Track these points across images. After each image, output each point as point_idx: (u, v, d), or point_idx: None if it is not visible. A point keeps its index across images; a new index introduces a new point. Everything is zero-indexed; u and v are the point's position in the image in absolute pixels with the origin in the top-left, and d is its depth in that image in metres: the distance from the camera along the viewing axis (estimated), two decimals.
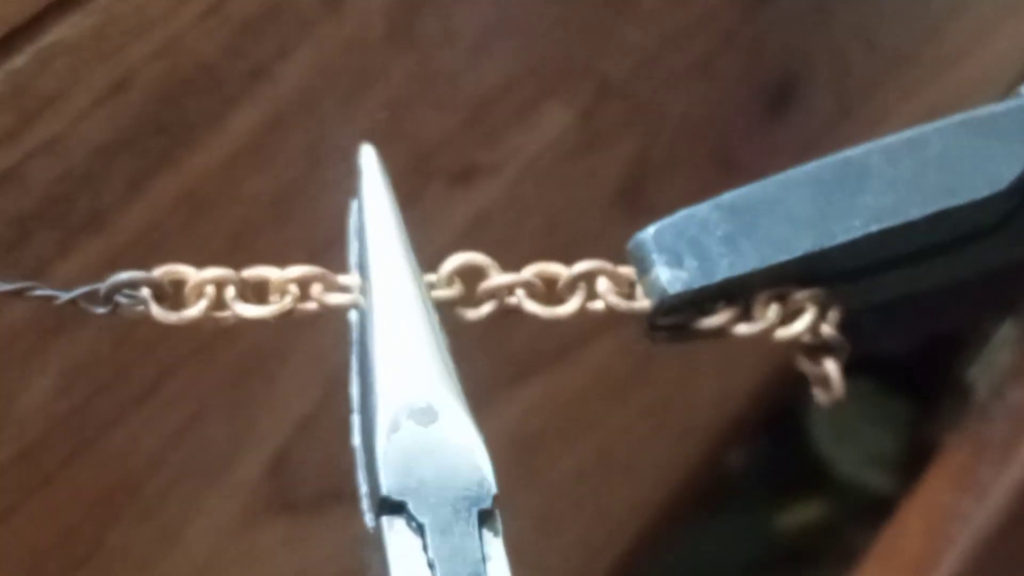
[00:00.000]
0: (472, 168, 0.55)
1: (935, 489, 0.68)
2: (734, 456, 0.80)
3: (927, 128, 0.34)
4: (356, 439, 0.30)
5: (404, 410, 0.29)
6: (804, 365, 0.33)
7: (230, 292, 0.32)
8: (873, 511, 0.80)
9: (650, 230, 0.33)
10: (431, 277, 0.32)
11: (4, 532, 0.45)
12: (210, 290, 0.32)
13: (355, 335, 0.31)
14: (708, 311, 0.33)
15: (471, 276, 0.33)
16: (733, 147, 0.65)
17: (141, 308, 0.32)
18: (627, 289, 0.33)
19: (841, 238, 0.33)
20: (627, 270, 0.33)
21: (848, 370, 0.34)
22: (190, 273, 0.32)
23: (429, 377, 0.29)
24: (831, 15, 0.68)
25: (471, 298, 0.33)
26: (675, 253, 0.33)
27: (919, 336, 0.78)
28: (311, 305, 0.32)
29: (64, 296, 0.32)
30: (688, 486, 0.69)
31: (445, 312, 0.32)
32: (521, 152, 0.56)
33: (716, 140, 0.64)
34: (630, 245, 0.33)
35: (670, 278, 0.32)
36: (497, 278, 0.33)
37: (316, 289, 0.32)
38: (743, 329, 0.33)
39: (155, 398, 0.47)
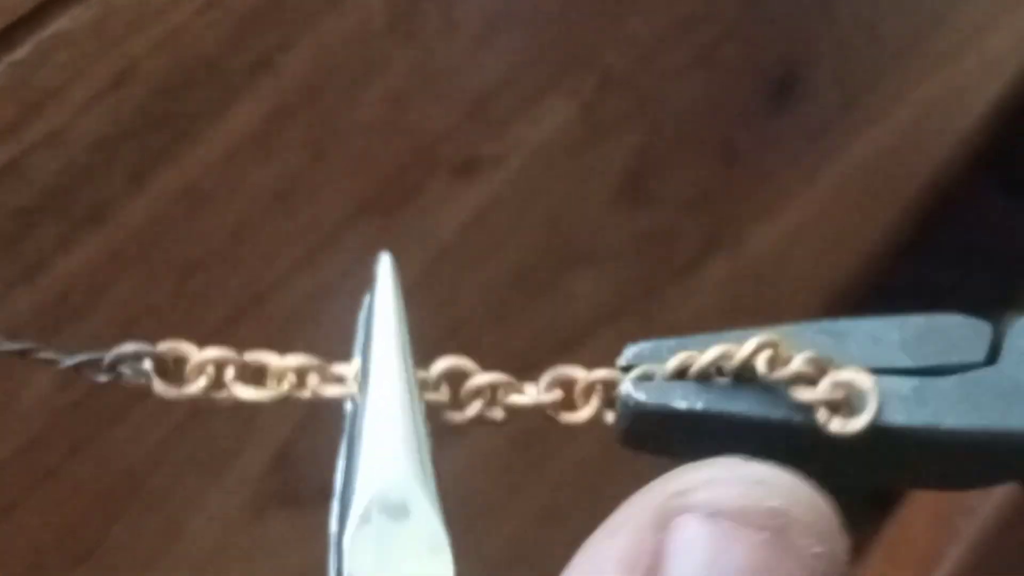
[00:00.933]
0: (475, 160, 0.54)
1: None
2: None
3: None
4: (333, 526, 0.30)
5: (377, 503, 0.30)
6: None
7: (230, 374, 0.33)
8: (877, 504, 0.80)
9: (634, 348, 0.33)
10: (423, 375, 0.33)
11: (6, 527, 0.45)
12: (210, 370, 0.33)
13: (347, 425, 0.32)
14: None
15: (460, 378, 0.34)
16: (736, 138, 0.65)
17: (143, 381, 0.32)
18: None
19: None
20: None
21: None
22: (192, 351, 0.33)
23: (408, 476, 0.30)
24: (834, 6, 0.67)
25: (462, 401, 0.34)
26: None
27: None
28: (306, 394, 0.33)
29: (66, 361, 0.32)
30: None
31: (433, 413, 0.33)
32: (524, 144, 0.56)
33: (719, 131, 0.64)
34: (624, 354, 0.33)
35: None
36: (480, 377, 0.34)
37: (313, 379, 0.33)
38: None
39: (155, 394, 0.47)
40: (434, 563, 0.29)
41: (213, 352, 0.32)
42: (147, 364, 0.32)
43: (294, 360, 0.33)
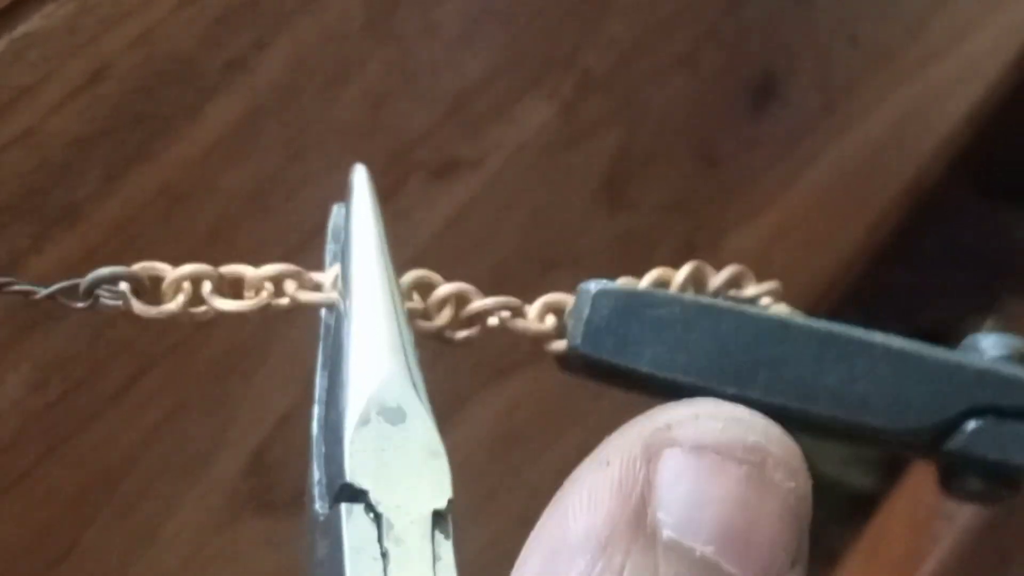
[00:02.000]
0: (453, 162, 0.54)
1: (918, 488, 0.68)
2: None
3: (885, 342, 0.34)
4: (315, 430, 0.30)
5: (375, 406, 0.30)
6: None
7: (207, 288, 0.33)
8: (855, 509, 0.80)
9: (595, 286, 0.34)
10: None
11: None
12: (187, 286, 0.32)
13: (324, 331, 0.32)
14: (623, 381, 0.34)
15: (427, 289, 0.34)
16: (715, 141, 0.65)
17: (120, 303, 0.32)
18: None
19: (733, 390, 0.33)
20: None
21: None
22: (167, 269, 0.33)
23: (402, 381, 0.30)
24: (814, 10, 0.67)
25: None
26: (609, 321, 0.34)
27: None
28: (285, 301, 0.33)
29: (43, 291, 0.32)
30: None
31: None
32: (502, 146, 0.56)
33: (698, 134, 0.64)
34: (579, 287, 0.34)
35: (586, 339, 0.34)
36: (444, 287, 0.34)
37: (290, 286, 0.33)
38: None
39: (132, 395, 0.47)
40: (432, 466, 0.30)
41: (189, 268, 0.33)
42: (123, 286, 0.32)
43: (270, 269, 0.33)
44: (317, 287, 0.33)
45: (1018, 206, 0.94)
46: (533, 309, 0.35)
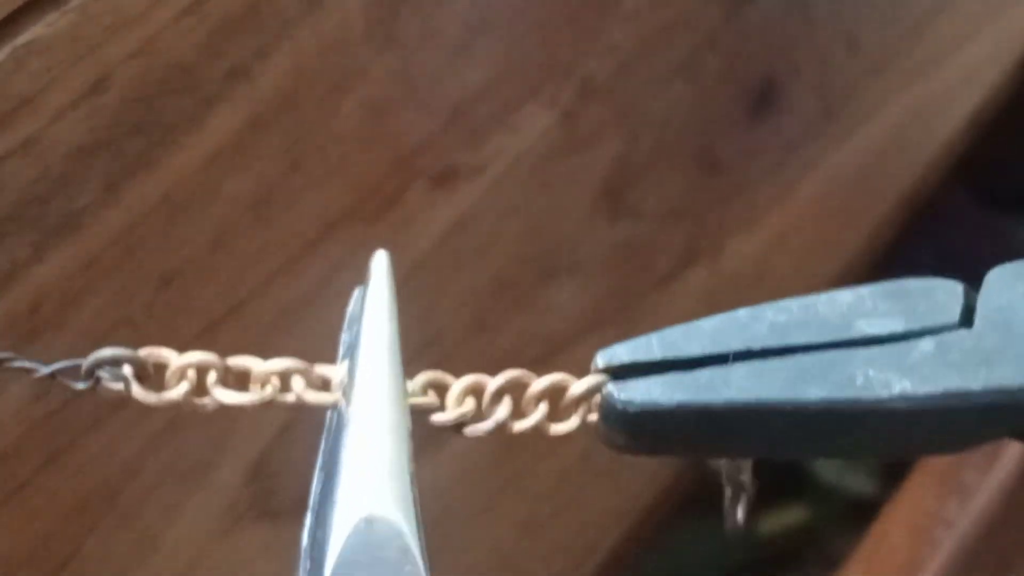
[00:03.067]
0: (454, 170, 0.54)
1: (918, 493, 0.68)
2: (716, 460, 0.80)
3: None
4: (304, 540, 0.30)
5: (362, 526, 0.30)
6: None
7: (211, 378, 0.32)
8: (855, 516, 0.79)
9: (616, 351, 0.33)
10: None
11: None
12: (192, 374, 0.32)
13: (327, 428, 0.32)
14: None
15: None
16: (716, 148, 0.65)
17: (122, 386, 0.32)
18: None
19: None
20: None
21: None
22: (172, 356, 0.32)
23: (392, 497, 0.30)
24: (813, 16, 0.67)
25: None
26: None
27: None
28: (290, 398, 0.32)
29: (44, 369, 0.32)
30: (671, 490, 0.69)
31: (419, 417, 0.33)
32: (503, 153, 0.56)
33: (699, 141, 0.64)
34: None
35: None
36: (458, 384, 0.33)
37: (298, 383, 0.32)
38: None
39: (132, 404, 0.46)
40: None
41: (194, 356, 0.32)
42: (126, 369, 0.32)
43: (278, 364, 0.32)
44: (325, 384, 0.32)
45: (1018, 212, 0.94)
46: (538, 387, 0.34)
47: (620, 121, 0.60)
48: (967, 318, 0.33)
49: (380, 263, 0.33)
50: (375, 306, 0.32)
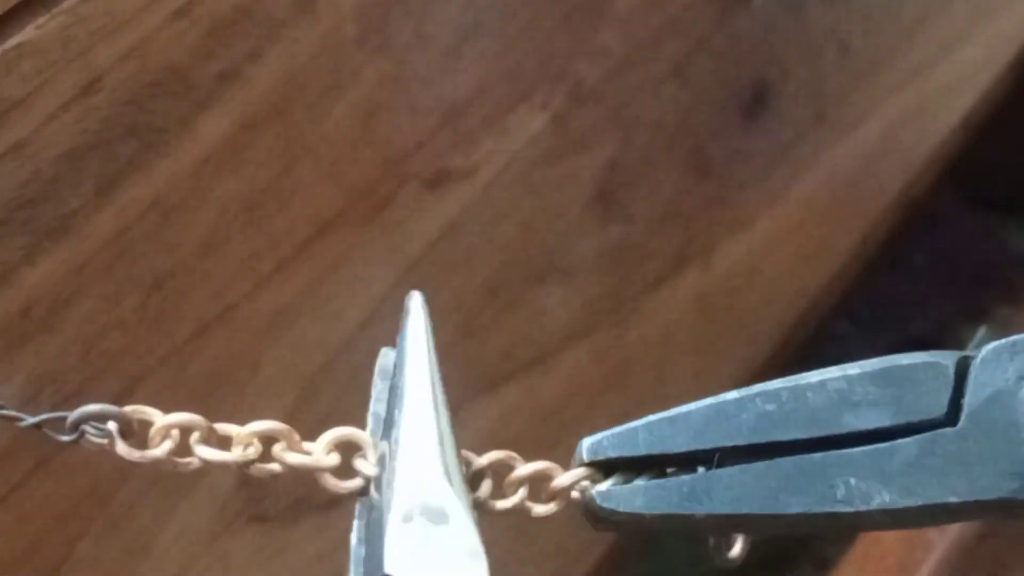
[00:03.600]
0: (445, 172, 0.54)
1: None
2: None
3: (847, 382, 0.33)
4: (354, 538, 0.31)
5: (418, 506, 0.30)
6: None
7: (195, 437, 0.32)
8: None
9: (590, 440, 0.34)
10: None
11: None
12: (175, 434, 0.32)
13: (360, 511, 0.32)
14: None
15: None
16: (707, 152, 0.65)
17: (106, 441, 0.32)
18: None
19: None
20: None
21: None
22: (157, 415, 0.32)
23: (445, 485, 0.31)
24: (805, 20, 0.67)
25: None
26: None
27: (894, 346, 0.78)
28: (275, 467, 0.32)
29: (30, 420, 0.32)
30: None
31: None
32: (494, 157, 0.56)
33: (690, 145, 0.64)
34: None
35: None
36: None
37: (278, 448, 0.32)
38: None
39: (123, 407, 0.46)
40: (471, 567, 0.30)
41: (179, 417, 0.32)
42: (111, 426, 0.32)
43: (260, 426, 0.32)
44: (306, 452, 0.32)
45: (1009, 215, 0.94)
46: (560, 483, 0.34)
47: (612, 124, 0.60)
48: (954, 411, 0.33)
49: (416, 304, 0.33)
50: (416, 348, 0.33)
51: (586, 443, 0.34)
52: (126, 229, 0.45)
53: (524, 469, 0.33)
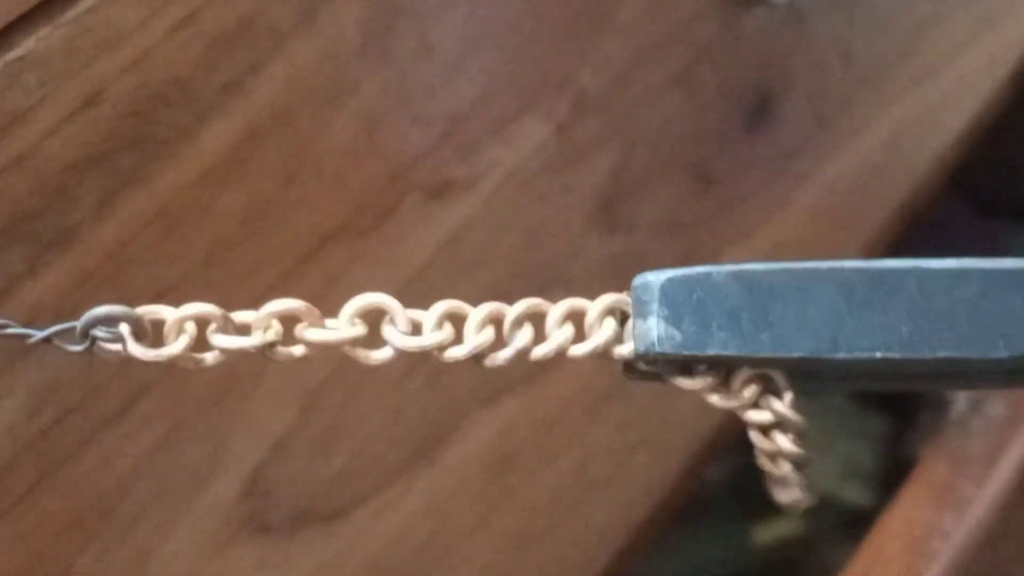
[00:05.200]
0: (448, 183, 0.54)
1: (914, 504, 0.68)
2: (711, 471, 0.80)
3: (973, 265, 0.32)
4: None
5: None
6: (760, 441, 0.33)
7: (212, 328, 0.31)
8: (851, 526, 0.79)
9: (661, 277, 0.32)
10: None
11: None
12: (190, 327, 0.31)
13: None
14: (688, 371, 0.32)
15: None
16: (711, 160, 0.65)
17: (119, 347, 0.31)
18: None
19: (843, 354, 0.32)
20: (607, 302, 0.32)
21: None
22: (169, 311, 0.31)
23: None
24: (808, 30, 0.67)
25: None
26: (677, 310, 0.32)
27: None
28: (298, 349, 0.31)
29: (38, 335, 0.31)
30: (666, 502, 0.69)
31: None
32: (497, 167, 0.56)
33: (693, 154, 0.64)
34: (636, 283, 0.32)
35: (663, 335, 0.32)
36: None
37: (300, 328, 0.31)
38: (716, 400, 0.32)
39: (126, 419, 0.46)
40: None
41: (192, 308, 0.30)
42: (123, 328, 0.31)
43: (279, 305, 0.31)
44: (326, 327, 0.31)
45: (1013, 222, 0.94)
46: (593, 314, 0.32)
47: (615, 134, 0.60)
48: None
49: None
50: None
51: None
52: (129, 241, 0.45)
53: (560, 308, 0.31)
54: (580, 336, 0.32)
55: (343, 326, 0.30)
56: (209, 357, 0.30)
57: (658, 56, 0.60)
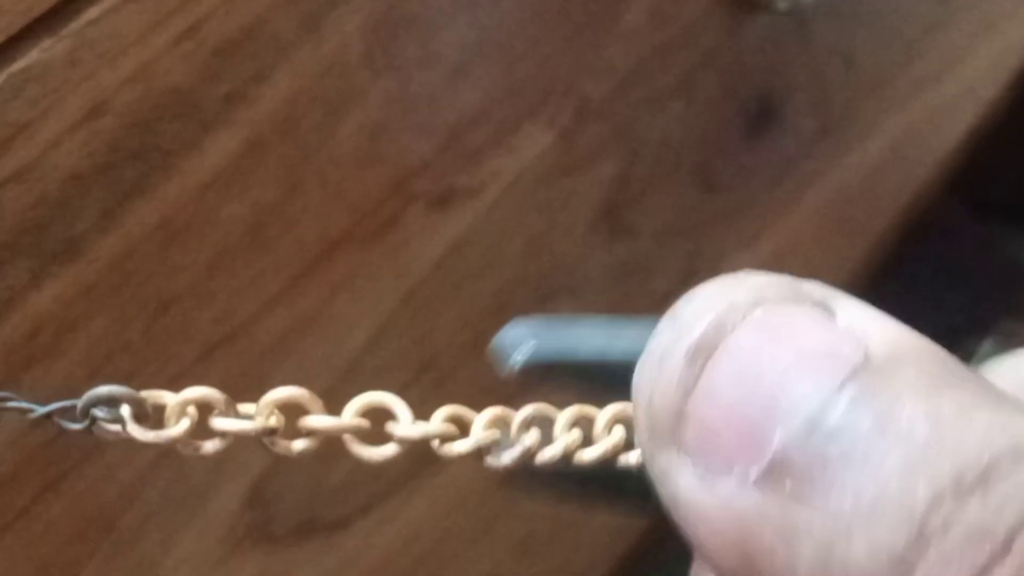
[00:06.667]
0: (451, 191, 0.54)
1: None
2: None
3: None
4: None
5: None
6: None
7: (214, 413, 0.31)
8: None
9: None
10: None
11: None
12: (192, 410, 0.31)
13: None
14: None
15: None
16: (714, 167, 0.65)
17: (119, 428, 0.31)
18: None
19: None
20: None
21: None
22: (170, 396, 0.31)
23: None
24: (810, 35, 0.67)
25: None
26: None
27: None
28: (298, 444, 0.31)
29: (39, 410, 0.31)
30: None
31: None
32: (501, 175, 0.56)
33: (696, 160, 0.64)
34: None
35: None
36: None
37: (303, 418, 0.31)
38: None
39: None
40: None
41: (195, 392, 0.31)
42: (124, 409, 0.31)
43: (281, 393, 0.30)
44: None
45: (1014, 226, 0.94)
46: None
47: (618, 141, 0.60)
48: None
49: None
50: None
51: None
52: (132, 251, 0.45)
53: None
54: None
55: (347, 418, 0.31)
56: (207, 447, 0.31)
57: (661, 63, 0.60)
